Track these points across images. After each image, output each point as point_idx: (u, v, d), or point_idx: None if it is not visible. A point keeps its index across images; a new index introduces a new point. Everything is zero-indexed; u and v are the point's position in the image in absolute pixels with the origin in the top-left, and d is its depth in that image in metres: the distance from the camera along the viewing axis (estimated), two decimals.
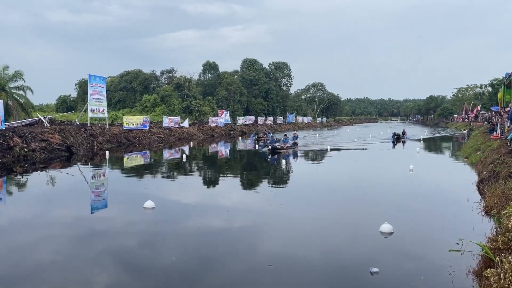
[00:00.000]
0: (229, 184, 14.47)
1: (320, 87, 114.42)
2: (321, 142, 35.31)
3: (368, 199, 11.31)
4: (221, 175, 16.60)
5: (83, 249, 6.98)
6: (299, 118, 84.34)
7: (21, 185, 14.00)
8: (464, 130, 55.74)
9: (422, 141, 35.33)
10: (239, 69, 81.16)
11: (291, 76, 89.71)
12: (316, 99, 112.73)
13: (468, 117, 68.50)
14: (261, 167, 19.37)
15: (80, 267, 6.07)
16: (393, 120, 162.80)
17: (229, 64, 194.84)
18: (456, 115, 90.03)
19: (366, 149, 28.80)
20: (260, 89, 75.00)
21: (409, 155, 24.20)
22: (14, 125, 25.46)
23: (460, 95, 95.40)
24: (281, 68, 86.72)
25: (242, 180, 15.50)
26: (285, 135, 31.03)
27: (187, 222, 8.86)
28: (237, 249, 6.95)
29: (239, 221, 8.92)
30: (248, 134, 43.90)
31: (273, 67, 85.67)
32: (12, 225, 8.67)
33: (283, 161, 19.31)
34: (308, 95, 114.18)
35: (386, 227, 7.67)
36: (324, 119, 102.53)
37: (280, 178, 15.75)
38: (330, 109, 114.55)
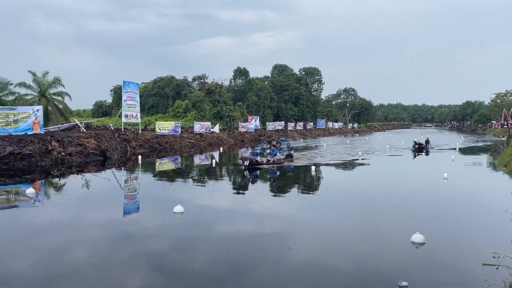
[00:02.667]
0: (257, 189, 14.50)
1: (352, 93, 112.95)
2: (345, 151, 34.59)
3: (400, 208, 11.06)
4: (250, 181, 16.64)
5: (116, 251, 7.17)
6: (330, 124, 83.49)
7: (58, 188, 14.56)
8: (503, 136, 53.57)
9: (457, 150, 33.11)
10: (269, 74, 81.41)
11: (322, 82, 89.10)
12: (348, 105, 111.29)
13: (508, 123, 65.78)
14: (289, 175, 19.24)
15: (114, 269, 6.24)
16: (427, 126, 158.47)
17: (260, 70, 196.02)
18: (494, 122, 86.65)
19: (393, 156, 28.08)
20: (290, 94, 74.86)
21: (444, 163, 23.49)
22: (52, 130, 26.55)
23: (498, 101, 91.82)
24: (312, 74, 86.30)
25: (271, 186, 15.49)
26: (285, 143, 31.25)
27: (215, 227, 8.95)
28: (266, 255, 6.95)
29: (267, 227, 8.92)
30: (280, 139, 43.74)
31: (303, 73, 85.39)
32: (50, 226, 9.02)
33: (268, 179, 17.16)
34: (339, 101, 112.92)
35: (417, 237, 7.48)
36: (356, 125, 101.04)
37: (309, 186, 15.63)
38: (362, 115, 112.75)
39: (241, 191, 14.34)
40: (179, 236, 8.13)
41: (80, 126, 29.75)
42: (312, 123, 75.24)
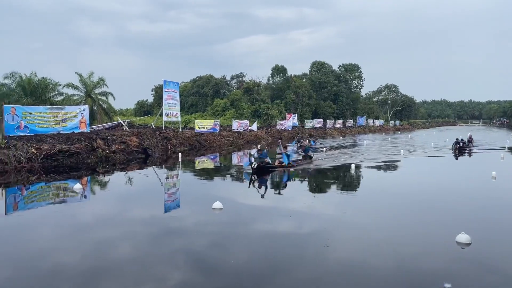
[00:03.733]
0: (294, 188, 14.43)
1: (393, 89, 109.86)
2: (386, 149, 33.63)
3: (444, 207, 10.65)
4: (287, 178, 16.56)
5: (157, 246, 7.36)
6: (370, 121, 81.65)
7: (103, 185, 15.15)
8: None
9: (507, 149, 30.90)
10: (307, 72, 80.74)
11: (362, 78, 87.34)
12: (389, 102, 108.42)
13: None
14: (329, 172, 18.98)
15: (155, 264, 6.40)
16: (474, 123, 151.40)
17: (298, 68, 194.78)
18: None
19: (436, 154, 27.00)
20: (329, 91, 73.93)
21: (491, 161, 22.39)
22: (97, 128, 27.64)
23: None
24: (352, 70, 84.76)
25: (310, 184, 15.38)
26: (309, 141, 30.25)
27: (253, 224, 8.99)
28: (303, 254, 6.90)
29: (305, 226, 8.85)
30: (315, 136, 42.88)
31: (343, 69, 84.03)
32: (95, 221, 9.39)
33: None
34: (380, 97, 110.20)
35: (463, 237, 7.18)
36: (397, 122, 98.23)
37: (347, 185, 15.37)
38: (404, 112, 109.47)
39: (278, 189, 14.32)
40: (218, 233, 8.23)
41: (123, 124, 30.77)
42: (351, 120, 73.94)
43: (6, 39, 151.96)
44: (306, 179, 16.70)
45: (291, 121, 52.33)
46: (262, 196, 12.16)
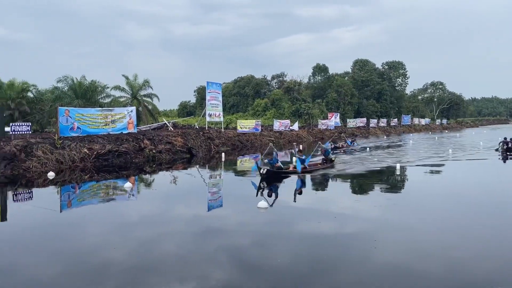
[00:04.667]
0: (339, 187, 14.25)
1: (440, 86, 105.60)
2: (432, 149, 32.35)
3: (499, 209, 10.14)
4: (330, 178, 16.32)
5: (200, 245, 7.53)
6: (416, 120, 79.01)
7: (150, 183, 15.66)
8: None
9: None
10: (350, 70, 79.35)
11: (407, 76, 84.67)
12: (435, 99, 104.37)
13: None
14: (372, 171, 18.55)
15: (199, 261, 6.56)
16: None
17: (340, 66, 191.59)
18: None
19: (486, 156, 25.57)
20: (372, 90, 72.29)
21: None
22: (144, 129, 28.57)
23: None
24: (396, 68, 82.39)
25: (352, 184, 15.13)
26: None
27: (298, 225, 8.99)
28: (348, 255, 6.83)
29: (350, 227, 8.75)
30: (353, 137, 41.72)
31: (386, 67, 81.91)
32: (142, 219, 9.75)
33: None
34: (426, 95, 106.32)
35: None
36: (444, 121, 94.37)
37: (394, 187, 14.99)
38: (451, 110, 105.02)
39: (323, 189, 14.19)
40: (261, 232, 8.30)
41: (168, 125, 31.61)
42: (396, 119, 71.88)
43: (58, 45, 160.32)
44: (352, 176, 16.38)
45: (333, 120, 51.68)
46: (271, 205, 10.59)
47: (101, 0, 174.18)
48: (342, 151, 27.67)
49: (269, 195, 12.51)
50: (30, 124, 21.46)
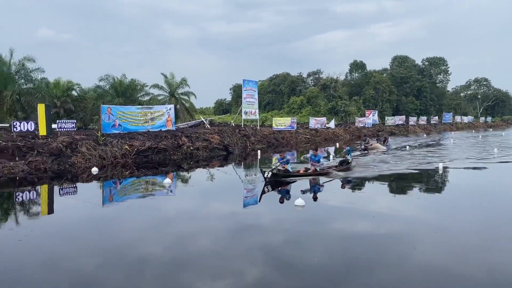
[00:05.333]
0: (377, 187, 13.94)
1: (484, 83, 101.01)
2: (476, 148, 30.90)
3: None
4: (368, 178, 15.96)
5: (236, 241, 7.62)
6: (458, 118, 76.04)
7: (187, 180, 15.95)
8: None
9: None
10: (388, 67, 77.42)
11: (448, 72, 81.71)
12: (479, 96, 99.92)
13: None
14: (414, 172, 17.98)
15: (234, 258, 6.64)
16: None
17: (377, 63, 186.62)
18: None
19: None
20: (411, 87, 70.18)
21: None
22: (182, 126, 29.13)
23: None
24: (437, 64, 79.61)
25: (390, 184, 14.74)
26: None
27: (335, 223, 8.90)
28: (385, 256, 6.69)
29: (388, 227, 8.55)
30: (385, 136, 40.05)
31: (427, 63, 79.29)
32: (179, 215, 9.96)
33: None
34: (469, 92, 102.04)
35: None
36: (489, 119, 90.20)
37: (433, 187, 14.51)
38: (496, 107, 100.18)
39: (360, 188, 13.92)
40: (298, 230, 8.28)
41: (205, 123, 32.07)
42: (436, 117, 69.46)
43: (101, 45, 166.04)
44: (392, 176, 15.93)
45: (371, 118, 50.63)
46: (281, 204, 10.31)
47: (141, 0, 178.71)
48: (373, 152, 25.01)
49: (281, 201, 11.44)
50: (74, 121, 22.39)
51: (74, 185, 14.43)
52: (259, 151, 23.70)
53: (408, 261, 6.53)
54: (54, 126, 20.67)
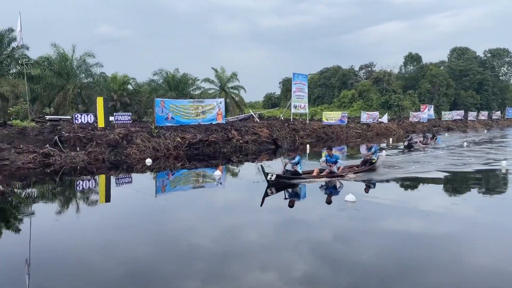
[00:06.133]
0: (431, 185, 13.30)
1: None
2: None
3: None
4: (422, 175, 15.24)
5: (284, 235, 7.61)
6: None
7: (237, 173, 16.11)
8: None
9: None
10: (446, 59, 73.75)
11: None
12: None
13: None
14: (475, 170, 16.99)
15: (281, 251, 6.62)
16: None
17: (434, 55, 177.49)
18: None
19: None
20: (471, 80, 66.44)
21: None
22: (231, 120, 29.46)
23: None
24: (500, 55, 74.70)
25: (445, 182, 14.01)
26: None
27: (386, 221, 8.62)
28: (439, 257, 6.36)
29: (443, 227, 8.14)
30: (455, 129, 38.19)
31: (489, 55, 74.64)
32: (228, 207, 10.09)
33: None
34: None
35: None
36: None
37: (492, 188, 13.64)
38: None
39: (414, 184, 13.37)
40: (348, 226, 8.12)
41: (254, 116, 32.21)
42: (499, 112, 65.25)
43: (155, 40, 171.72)
44: (448, 173, 15.13)
45: (426, 112, 48.51)
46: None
47: None
48: (422, 148, 23.71)
49: (290, 205, 10.31)
50: (130, 114, 23.33)
51: (129, 176, 15.05)
52: (308, 145, 23.47)
53: (464, 263, 6.21)
54: (111, 118, 21.65)
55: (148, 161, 16.82)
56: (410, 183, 13.59)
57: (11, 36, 29.71)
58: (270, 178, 11.76)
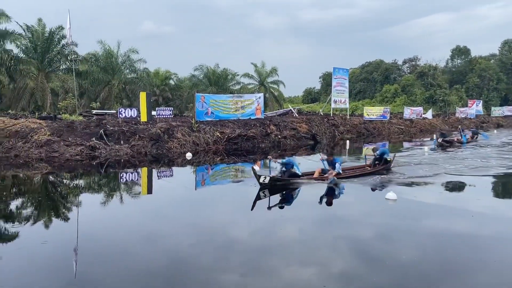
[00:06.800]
0: (481, 184, 12.68)
1: None
2: None
3: None
4: (466, 174, 14.54)
5: (322, 231, 7.53)
6: None
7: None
8: None
9: None
10: (497, 52, 69.92)
11: None
12: None
13: None
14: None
15: (319, 248, 6.54)
16: None
17: (484, 48, 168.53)
18: None
19: None
20: None
21: None
22: (270, 115, 29.47)
23: None
24: None
25: (496, 182, 13.31)
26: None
27: (428, 220, 8.33)
28: (485, 259, 6.06)
29: (490, 228, 7.76)
30: (506, 125, 36.01)
31: None
32: (266, 202, 10.06)
33: None
34: None
35: None
36: None
37: None
38: None
39: (458, 184, 12.81)
40: (388, 224, 7.93)
41: (293, 111, 32.06)
42: None
43: (196, 36, 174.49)
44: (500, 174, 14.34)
45: (474, 108, 46.36)
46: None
47: None
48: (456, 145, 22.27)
49: (279, 207, 9.29)
50: (172, 108, 23.86)
51: (170, 169, 15.43)
52: (347, 141, 23.08)
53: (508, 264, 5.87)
54: (153, 113, 22.25)
55: (188, 155, 17.16)
56: (452, 184, 13.05)
57: (61, 34, 31.20)
58: (263, 180, 10.93)
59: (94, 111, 27.15)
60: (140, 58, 37.89)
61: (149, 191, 11.87)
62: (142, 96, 20.88)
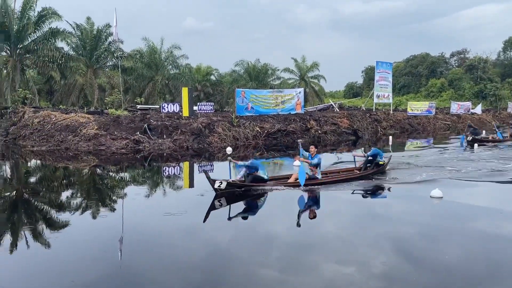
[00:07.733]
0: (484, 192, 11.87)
1: None
2: None
3: None
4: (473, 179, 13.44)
5: (363, 229, 7.39)
6: None
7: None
8: None
9: None
10: None
11: None
12: None
13: None
14: None
15: (359, 246, 6.43)
16: None
17: None
18: None
19: None
20: None
21: None
22: (310, 110, 29.23)
23: None
24: None
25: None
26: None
27: (475, 221, 8.00)
28: None
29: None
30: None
31: None
32: (304, 198, 10.00)
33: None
34: None
35: None
36: None
37: None
38: None
39: (502, 187, 12.11)
40: (432, 223, 7.66)
41: (334, 106, 31.62)
42: None
43: (237, 32, 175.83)
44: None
45: None
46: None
47: None
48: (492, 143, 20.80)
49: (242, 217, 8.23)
50: (212, 103, 24.18)
51: (211, 163, 15.67)
52: (390, 137, 22.44)
53: None
54: (195, 108, 22.66)
55: (229, 150, 17.35)
56: (500, 185, 12.37)
57: (108, 32, 32.42)
58: (219, 186, 9.45)
59: (138, 106, 28.05)
60: (182, 54, 38.66)
61: (191, 184, 12.13)
62: (184, 91, 21.30)
